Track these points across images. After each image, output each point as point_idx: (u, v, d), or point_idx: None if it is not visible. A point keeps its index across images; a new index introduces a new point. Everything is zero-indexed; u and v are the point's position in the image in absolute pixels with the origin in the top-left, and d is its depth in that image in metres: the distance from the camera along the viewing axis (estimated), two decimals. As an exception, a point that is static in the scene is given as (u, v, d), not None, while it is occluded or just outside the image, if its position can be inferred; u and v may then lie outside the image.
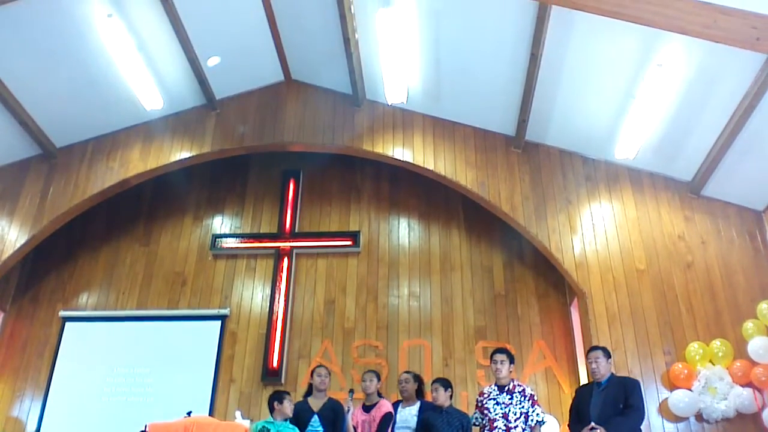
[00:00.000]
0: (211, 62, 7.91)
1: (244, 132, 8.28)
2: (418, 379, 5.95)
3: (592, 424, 4.86)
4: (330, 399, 5.67)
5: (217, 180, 9.09)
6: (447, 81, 7.65)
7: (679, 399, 6.27)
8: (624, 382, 5.19)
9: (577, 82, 6.99)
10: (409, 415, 5.66)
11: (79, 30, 6.95)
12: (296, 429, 5.28)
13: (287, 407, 5.30)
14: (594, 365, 5.15)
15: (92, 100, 7.83)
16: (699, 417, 6.30)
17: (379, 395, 5.74)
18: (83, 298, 8.47)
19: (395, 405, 5.83)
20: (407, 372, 6.10)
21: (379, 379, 5.79)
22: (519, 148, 7.84)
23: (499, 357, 5.40)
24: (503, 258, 8.20)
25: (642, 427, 6.01)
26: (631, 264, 7.08)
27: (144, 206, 9.02)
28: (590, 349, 5.32)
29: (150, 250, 8.70)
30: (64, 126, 8.09)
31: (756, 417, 6.21)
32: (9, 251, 7.70)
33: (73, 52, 7.17)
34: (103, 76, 7.50)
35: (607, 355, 5.23)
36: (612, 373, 5.22)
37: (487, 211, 7.83)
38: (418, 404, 5.75)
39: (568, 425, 5.35)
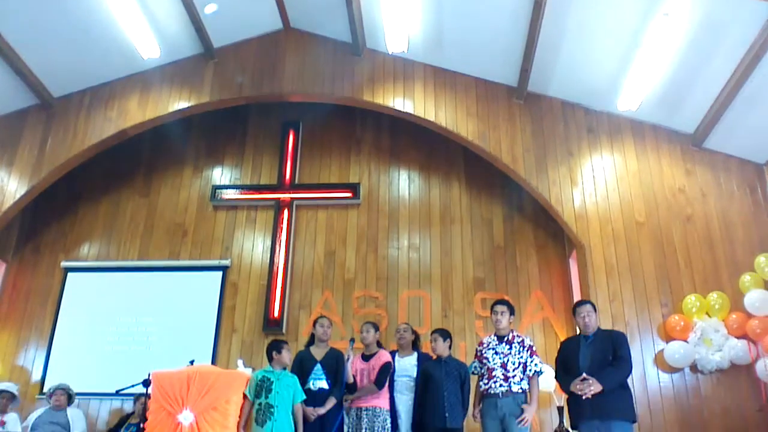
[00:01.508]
0: (208, 10, 7.74)
1: (242, 81, 8.17)
2: (414, 332, 6.04)
3: (584, 374, 4.93)
4: (332, 348, 5.77)
5: (216, 131, 9.02)
6: (448, 30, 7.51)
7: (674, 350, 6.37)
8: (611, 334, 5.28)
9: (580, 32, 6.87)
10: (408, 364, 5.77)
11: (73, -23, 6.81)
12: (296, 377, 5.38)
13: (285, 356, 5.39)
14: (587, 319, 5.21)
15: (89, 50, 7.71)
16: (693, 368, 6.41)
17: (379, 345, 5.83)
18: (84, 249, 8.50)
19: (392, 354, 5.92)
20: (405, 323, 6.22)
21: (377, 330, 5.87)
22: (521, 99, 7.76)
23: (499, 308, 5.46)
24: (503, 210, 8.20)
25: (637, 377, 6.16)
26: (631, 216, 7.09)
27: (143, 157, 8.97)
28: (579, 304, 5.36)
29: (150, 201, 8.70)
30: (62, 76, 7.99)
31: (749, 368, 6.32)
32: (9, 202, 7.70)
33: (70, 1, 7.02)
34: (99, 25, 7.37)
35: (594, 309, 5.31)
36: (598, 327, 5.30)
37: (487, 162, 7.80)
38: (415, 354, 5.84)
39: (556, 377, 5.43)
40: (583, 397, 4.88)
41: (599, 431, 4.82)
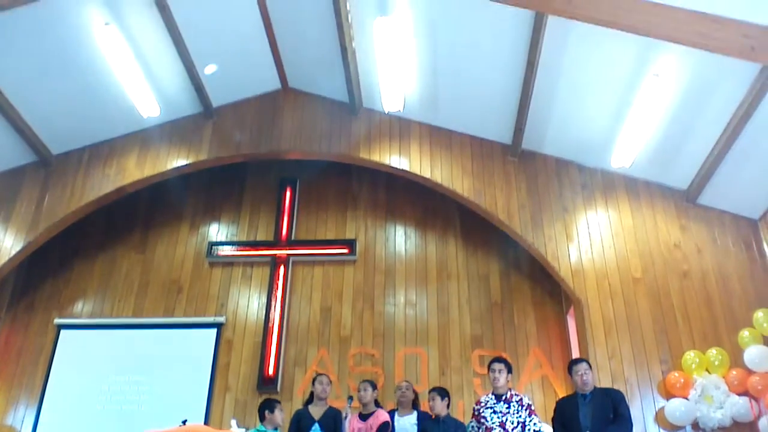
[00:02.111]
0: (208, 70, 7.91)
1: (240, 139, 8.28)
2: (414, 390, 5.95)
3: None
4: (330, 407, 5.68)
5: (213, 188, 9.07)
6: (444, 89, 7.67)
7: (675, 408, 6.28)
8: (609, 392, 5.24)
9: (573, 91, 7.02)
10: (408, 423, 5.64)
11: (76, 37, 6.96)
12: None
13: (278, 416, 5.30)
14: (585, 377, 5.18)
15: (89, 107, 7.82)
16: (695, 426, 6.30)
17: (377, 404, 5.72)
18: (79, 306, 8.43)
19: (390, 414, 5.82)
20: (407, 381, 6.12)
21: (374, 388, 5.75)
22: (515, 157, 7.86)
23: (497, 366, 5.39)
24: (500, 266, 8.20)
25: (639, 436, 6.03)
26: (627, 272, 7.09)
27: (140, 214, 9.00)
28: (576, 362, 5.32)
29: (146, 257, 8.68)
30: (61, 133, 8.08)
31: (752, 425, 6.21)
32: (4, 258, 7.66)
33: (71, 59, 7.18)
34: (100, 84, 7.50)
35: (590, 366, 5.29)
36: (594, 385, 5.26)
37: (483, 219, 7.84)
38: (415, 413, 5.74)
39: None
40: None
41: None
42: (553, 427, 5.31)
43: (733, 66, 5.90)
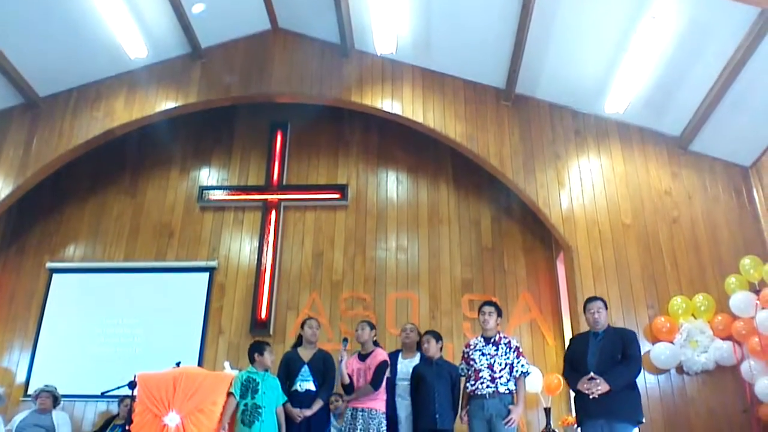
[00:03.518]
0: (195, 9, 7.71)
1: (230, 82, 8.14)
2: (419, 332, 5.97)
3: (591, 373, 4.88)
4: (320, 350, 5.73)
5: (203, 131, 8.98)
6: (437, 31, 7.52)
7: (660, 351, 6.40)
8: (621, 332, 5.18)
9: (568, 35, 6.90)
10: (412, 366, 5.69)
11: (59, -25, 6.76)
12: (278, 379, 5.39)
13: (267, 358, 5.37)
14: (597, 315, 5.13)
15: (75, 49, 7.65)
16: (680, 369, 6.45)
17: (375, 344, 5.68)
18: (70, 250, 8.43)
19: (394, 355, 5.86)
20: (411, 323, 6.18)
21: (372, 328, 5.68)
22: (509, 101, 7.78)
23: (487, 309, 5.45)
24: (491, 212, 8.22)
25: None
26: (618, 218, 7.13)
27: (130, 157, 8.92)
28: (590, 300, 5.28)
29: (136, 201, 8.65)
30: (47, 75, 7.92)
31: (734, 369, 6.36)
32: (-7, 202, 7.63)
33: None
34: (86, 24, 7.32)
35: (606, 305, 5.25)
36: (608, 325, 5.23)
37: (475, 164, 7.82)
38: (418, 355, 5.79)
39: (563, 374, 5.37)
40: (590, 397, 4.84)
41: (603, 430, 4.79)
42: (564, 364, 5.35)
43: (730, 9, 5.80)
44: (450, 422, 5.39)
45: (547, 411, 6.80)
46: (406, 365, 5.78)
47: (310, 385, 5.48)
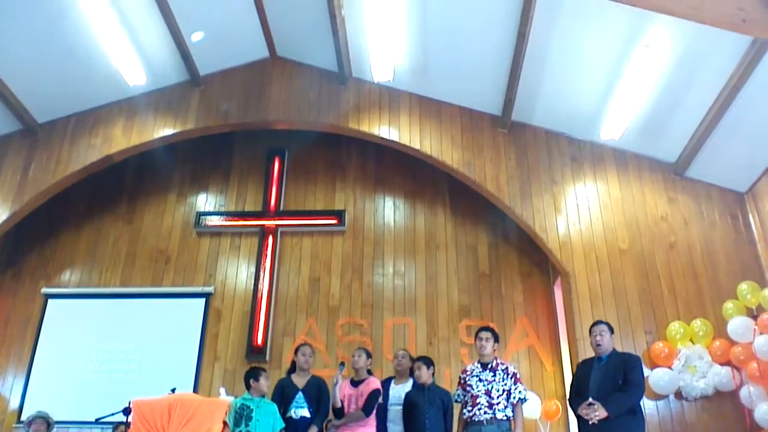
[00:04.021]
0: (194, 37, 7.80)
1: (228, 109, 8.20)
2: (412, 358, 5.96)
3: (590, 399, 4.84)
4: (314, 376, 5.71)
5: (201, 157, 9.01)
6: (434, 59, 7.60)
7: (659, 377, 6.37)
8: (624, 357, 5.12)
9: (564, 62, 6.98)
10: (404, 391, 5.68)
11: (61, 4, 6.83)
12: (275, 405, 5.32)
13: (263, 384, 5.34)
14: (599, 338, 5.09)
15: (74, 76, 7.71)
16: (678, 395, 6.41)
17: (369, 373, 5.72)
18: (66, 276, 8.41)
19: (386, 382, 5.85)
20: (404, 349, 6.16)
21: (368, 356, 5.73)
22: (505, 128, 7.83)
23: (484, 335, 5.43)
24: (488, 237, 8.23)
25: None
26: (614, 244, 7.14)
27: (127, 183, 8.94)
28: (594, 324, 5.25)
29: (133, 227, 8.65)
30: (46, 101, 7.98)
31: (733, 394, 6.33)
32: (-10, 228, 7.62)
33: (55, 26, 7.05)
34: (85, 51, 7.39)
35: (611, 330, 5.20)
36: (614, 349, 5.17)
37: (472, 190, 7.84)
38: (411, 381, 5.77)
39: (568, 400, 5.33)
40: (589, 422, 4.80)
41: None
42: (570, 389, 5.30)
43: (724, 38, 5.88)
44: (441, 449, 5.35)
45: (546, 438, 6.75)
46: (398, 390, 5.76)
47: (305, 412, 5.44)
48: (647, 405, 6.36)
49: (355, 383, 5.60)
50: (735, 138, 6.77)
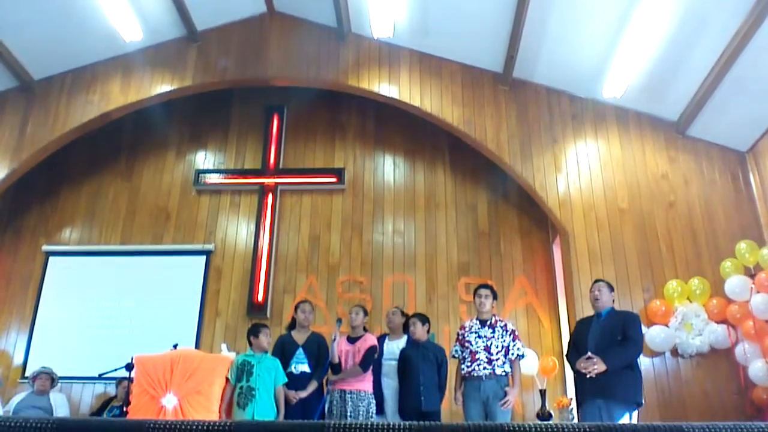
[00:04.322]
0: (191, -8, 7.67)
1: (226, 65, 8.09)
2: (405, 314, 6.06)
3: (589, 353, 4.90)
4: (314, 333, 5.80)
5: (199, 114, 8.94)
6: (434, 15, 7.48)
7: (655, 334, 6.44)
8: (624, 315, 5.19)
9: (566, 19, 6.87)
10: (396, 347, 5.79)
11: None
12: (277, 360, 5.40)
13: (263, 340, 5.41)
14: (597, 293, 5.16)
15: (70, 31, 7.59)
16: (674, 352, 6.49)
17: (365, 330, 5.81)
18: (66, 233, 8.42)
19: (381, 338, 5.95)
20: (396, 307, 6.24)
21: (365, 314, 5.85)
22: (506, 86, 7.76)
23: (483, 292, 5.49)
24: (487, 196, 8.22)
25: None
26: (614, 203, 7.14)
27: (125, 140, 8.88)
28: (594, 282, 5.35)
29: (132, 184, 8.62)
30: (42, 57, 7.86)
31: (728, 352, 6.41)
32: (-11, 185, 7.60)
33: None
34: (80, 7, 7.25)
35: (610, 288, 5.25)
36: (612, 307, 5.23)
37: (472, 149, 7.81)
38: (405, 338, 5.85)
39: (566, 356, 5.41)
40: (587, 376, 4.86)
41: (601, 411, 4.78)
42: (568, 345, 5.37)
43: (729, -6, 5.80)
44: (435, 404, 5.47)
45: (543, 393, 6.85)
46: (392, 346, 5.87)
47: (305, 367, 5.55)
48: (643, 362, 6.42)
49: (352, 340, 5.71)
50: (738, 97, 6.71)
